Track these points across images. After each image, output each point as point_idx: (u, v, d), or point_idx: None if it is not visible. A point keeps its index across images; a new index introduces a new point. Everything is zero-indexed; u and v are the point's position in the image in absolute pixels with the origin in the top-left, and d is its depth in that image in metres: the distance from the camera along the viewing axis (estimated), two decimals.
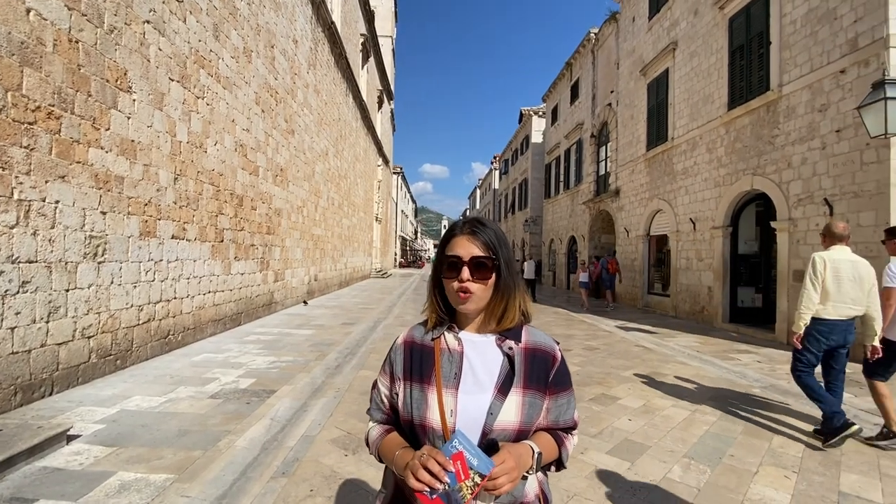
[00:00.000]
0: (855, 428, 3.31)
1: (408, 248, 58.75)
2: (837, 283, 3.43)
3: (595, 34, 17.29)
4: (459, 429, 0.91)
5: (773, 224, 8.04)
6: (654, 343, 7.67)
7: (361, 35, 20.64)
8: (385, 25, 31.11)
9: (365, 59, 21.98)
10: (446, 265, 1.01)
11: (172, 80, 5.73)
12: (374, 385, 1.13)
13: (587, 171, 18.06)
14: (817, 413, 4.14)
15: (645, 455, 3.16)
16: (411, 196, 71.35)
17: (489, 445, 0.87)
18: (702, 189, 10.27)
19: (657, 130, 12.30)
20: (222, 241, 7.20)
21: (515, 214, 32.53)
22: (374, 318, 9.61)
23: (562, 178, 21.40)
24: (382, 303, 12.81)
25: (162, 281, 5.60)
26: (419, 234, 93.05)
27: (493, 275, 0.99)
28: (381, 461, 1.07)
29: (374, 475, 2.78)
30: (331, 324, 8.67)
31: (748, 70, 8.73)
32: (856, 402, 4.54)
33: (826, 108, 6.93)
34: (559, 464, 1.04)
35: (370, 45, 22.39)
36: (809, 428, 3.78)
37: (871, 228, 6.22)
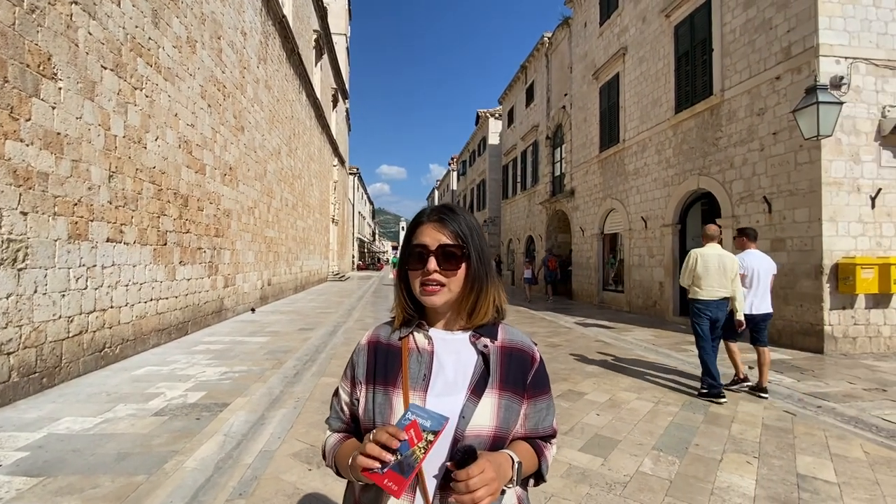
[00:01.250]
0: (723, 400, 4.26)
1: (366, 250, 57.78)
2: (706, 272, 4.46)
3: (549, 38, 17.70)
4: (412, 402, 0.83)
5: (718, 221, 8.48)
6: (612, 338, 7.88)
7: (314, 31, 20.05)
8: (338, 23, 30.44)
9: (318, 57, 21.36)
10: (412, 256, 0.92)
11: (105, 68, 5.22)
12: (336, 392, 1.03)
13: (543, 171, 18.45)
14: (770, 399, 4.38)
15: (616, 450, 3.18)
16: (368, 197, 70.27)
17: (466, 452, 0.78)
18: (652, 189, 10.72)
19: (609, 132, 12.74)
20: (165, 244, 6.67)
21: (474, 215, 32.62)
22: (333, 323, 9.28)
23: (519, 179, 21.76)
24: (342, 306, 12.44)
25: (96, 289, 5.08)
26: (377, 236, 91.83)
27: (463, 265, 0.90)
28: (339, 474, 0.95)
29: (341, 490, 2.59)
30: (287, 330, 8.28)
31: (693, 75, 9.19)
32: (800, 386, 4.82)
33: (764, 111, 7.40)
34: (538, 476, 0.95)
35: (323, 42, 21.79)
36: (761, 412, 3.98)
37: (805, 224, 6.69)
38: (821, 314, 6.44)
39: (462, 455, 0.77)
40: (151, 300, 6.28)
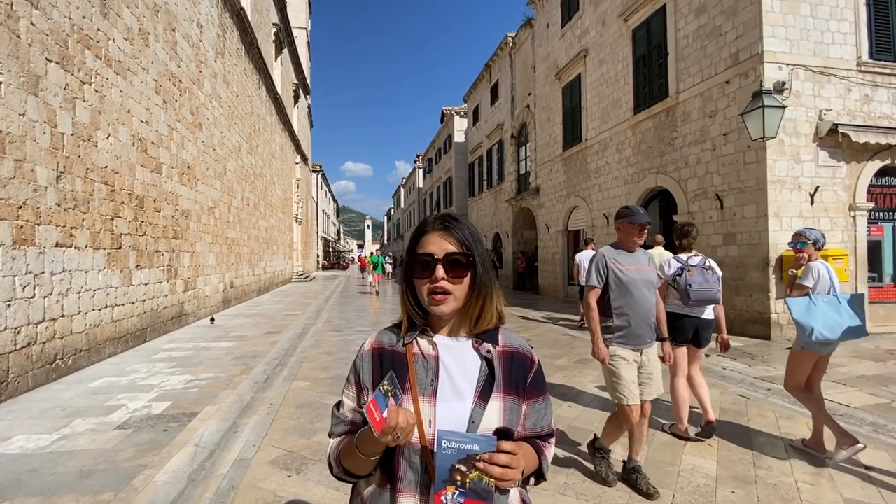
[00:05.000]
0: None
1: (330, 249, 56.69)
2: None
3: (512, 38, 17.94)
4: (440, 429, 0.82)
5: (674, 217, 8.93)
6: (578, 332, 8.14)
7: (274, 25, 19.44)
8: (299, 16, 29.63)
9: (278, 51, 20.74)
10: (418, 265, 0.93)
11: (51, 61, 4.88)
12: (338, 403, 1.01)
13: (508, 170, 18.73)
14: (725, 384, 4.67)
15: (588, 439, 3.31)
16: (332, 195, 68.92)
17: (507, 432, 0.85)
18: (613, 186, 11.12)
19: (572, 132, 13.09)
20: (120, 247, 6.32)
21: (441, 213, 32.82)
22: (301, 325, 9.09)
23: (485, 176, 21.99)
24: (309, 308, 12.19)
25: (45, 297, 4.76)
26: (342, 235, 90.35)
27: (470, 272, 0.93)
28: (346, 475, 0.93)
29: (323, 495, 2.58)
30: (253, 334, 8.04)
31: (650, 78, 9.59)
32: (750, 371, 5.18)
33: (715, 114, 7.83)
34: (539, 475, 0.98)
35: (283, 36, 21.18)
36: (719, 397, 4.24)
37: (753, 219, 7.15)
38: (768, 303, 6.91)
39: (502, 433, 0.83)
40: (106, 307, 5.95)
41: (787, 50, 6.87)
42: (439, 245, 0.92)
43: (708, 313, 3.46)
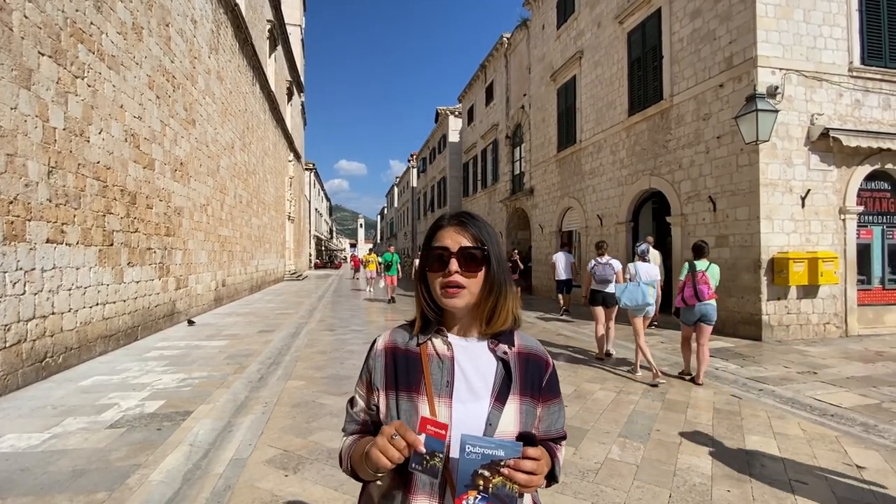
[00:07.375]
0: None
1: (323, 248, 56.41)
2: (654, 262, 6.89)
3: (508, 39, 17.98)
4: (464, 433, 0.79)
5: (668, 219, 9.01)
6: (572, 331, 8.19)
7: (268, 21, 19.30)
8: (293, 13, 29.42)
9: (272, 48, 20.59)
10: (433, 259, 0.93)
11: (43, 55, 4.80)
12: (351, 400, 1.01)
13: (503, 170, 18.77)
14: (718, 385, 4.72)
15: (586, 439, 3.33)
16: (325, 194, 68.55)
17: (530, 437, 0.85)
18: (607, 188, 11.19)
19: (567, 133, 13.15)
20: (112, 244, 6.24)
21: (435, 212, 32.80)
22: (294, 324, 9.04)
23: (479, 176, 22.01)
24: (302, 307, 12.12)
25: (35, 294, 4.68)
26: (334, 234, 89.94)
27: (484, 268, 0.92)
28: (355, 476, 0.93)
29: (321, 494, 2.57)
30: (246, 332, 7.98)
31: (645, 80, 9.66)
32: (742, 372, 5.23)
33: (708, 117, 7.91)
34: (552, 477, 0.96)
35: (278, 33, 21.03)
36: (712, 397, 4.29)
37: (745, 222, 7.23)
38: (759, 305, 7.00)
39: (526, 438, 0.83)
40: (97, 305, 5.86)
41: (780, 55, 6.96)
42: (454, 239, 0.92)
43: (609, 288, 5.88)
